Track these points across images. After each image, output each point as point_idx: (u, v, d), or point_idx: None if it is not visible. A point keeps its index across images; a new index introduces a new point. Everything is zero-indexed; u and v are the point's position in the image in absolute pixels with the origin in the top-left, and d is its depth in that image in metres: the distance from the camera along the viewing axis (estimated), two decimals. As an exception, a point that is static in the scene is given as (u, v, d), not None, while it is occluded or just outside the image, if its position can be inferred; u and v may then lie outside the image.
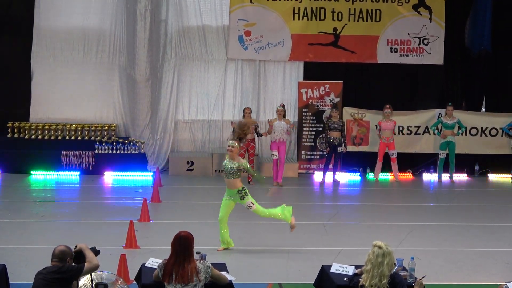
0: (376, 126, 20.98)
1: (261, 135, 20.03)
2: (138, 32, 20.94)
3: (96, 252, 8.22)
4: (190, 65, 21.80)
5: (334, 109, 20.37)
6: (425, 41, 22.08)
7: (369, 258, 7.80)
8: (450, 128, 20.81)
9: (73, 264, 7.84)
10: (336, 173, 20.46)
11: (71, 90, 21.39)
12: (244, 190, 12.47)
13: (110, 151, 20.63)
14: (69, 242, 8.65)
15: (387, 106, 20.66)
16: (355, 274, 8.30)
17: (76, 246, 8.03)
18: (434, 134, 21.27)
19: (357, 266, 8.68)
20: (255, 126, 19.65)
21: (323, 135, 20.58)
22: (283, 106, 20.19)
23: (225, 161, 12.51)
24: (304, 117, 21.54)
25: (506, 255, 12.73)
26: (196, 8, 21.55)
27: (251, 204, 12.49)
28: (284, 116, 19.96)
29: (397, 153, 20.87)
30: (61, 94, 21.37)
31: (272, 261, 12.07)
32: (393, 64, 22.08)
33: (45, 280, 7.57)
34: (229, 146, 12.40)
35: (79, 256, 7.94)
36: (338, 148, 20.03)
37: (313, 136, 21.47)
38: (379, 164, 20.85)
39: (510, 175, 21.27)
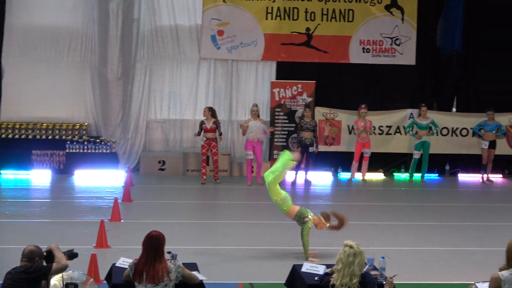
0: (353, 126, 21.00)
1: (221, 133, 19.96)
2: (110, 31, 20.92)
3: (74, 255, 8.18)
4: (163, 64, 21.75)
5: (307, 109, 20.40)
6: (397, 42, 22.18)
7: (340, 257, 7.82)
8: (425, 128, 20.93)
9: (43, 263, 7.81)
10: (308, 173, 20.48)
11: (42, 89, 21.24)
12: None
13: (81, 150, 20.53)
14: (39, 241, 8.60)
15: (363, 106, 20.70)
16: (326, 274, 8.31)
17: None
18: (409, 134, 21.39)
19: (328, 266, 8.70)
20: (217, 125, 19.62)
21: (295, 134, 20.63)
22: (257, 105, 20.22)
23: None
24: (276, 117, 21.55)
25: (476, 255, 12.82)
26: (169, 7, 21.50)
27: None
28: (258, 115, 20.00)
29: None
30: (32, 93, 21.22)
31: (243, 260, 12.08)
32: (365, 64, 22.17)
33: (13, 280, 7.53)
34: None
35: (50, 256, 7.90)
36: (310, 148, 20.05)
37: (286, 136, 21.47)
38: (355, 165, 20.86)
39: (480, 175, 21.39)
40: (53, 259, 7.87)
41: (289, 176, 20.69)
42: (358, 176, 20.99)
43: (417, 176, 21.19)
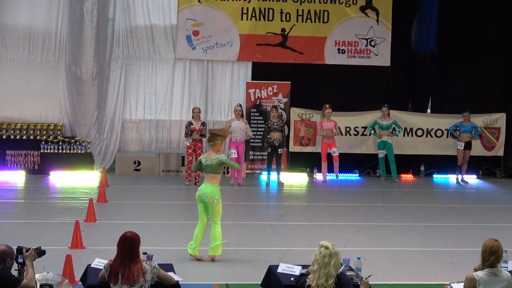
0: (318, 126, 21.03)
1: (204, 135, 19.90)
2: (85, 31, 20.80)
3: (42, 253, 8.12)
4: (138, 64, 21.67)
5: (273, 109, 20.40)
6: (372, 43, 22.25)
7: (315, 258, 7.81)
8: (386, 128, 21.05)
9: (16, 263, 7.76)
10: (280, 174, 20.44)
11: (16, 89, 21.12)
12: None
13: (56, 151, 20.44)
14: (14, 242, 8.53)
15: (327, 106, 20.71)
16: (301, 274, 8.30)
17: (29, 249, 7.92)
18: (370, 134, 21.50)
19: (304, 266, 8.70)
20: (203, 126, 19.56)
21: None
22: (241, 105, 20.19)
23: (202, 156, 12.14)
24: (252, 117, 21.54)
25: (450, 255, 12.88)
26: (144, 7, 21.42)
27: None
28: (242, 116, 19.95)
29: (345, 154, 20.98)
30: (6, 93, 21.09)
31: (219, 261, 12.05)
32: (341, 65, 22.21)
33: None
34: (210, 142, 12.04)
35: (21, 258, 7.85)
36: (279, 150, 20.05)
37: (261, 136, 21.45)
38: (324, 165, 20.90)
39: (455, 176, 21.49)
40: (24, 263, 7.82)
41: (265, 176, 20.73)
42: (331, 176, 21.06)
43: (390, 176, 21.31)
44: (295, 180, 20.87)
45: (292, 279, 8.48)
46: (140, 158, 20.94)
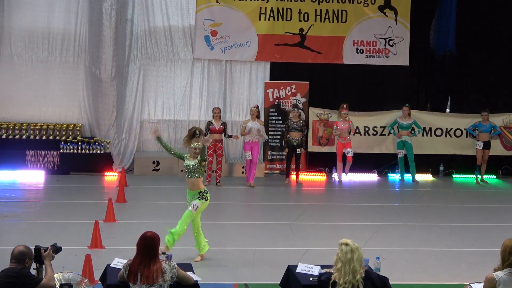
0: (334, 126, 20.96)
1: (230, 136, 19.89)
2: (103, 31, 20.84)
3: (58, 249, 8.15)
4: (156, 64, 21.72)
5: (294, 109, 20.37)
6: (391, 42, 22.20)
7: (338, 256, 7.82)
8: (406, 128, 21.00)
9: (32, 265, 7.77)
10: (299, 174, 20.43)
11: (35, 89, 21.24)
12: (206, 193, 12.00)
13: (75, 151, 20.52)
14: (33, 242, 8.56)
15: (344, 106, 20.64)
16: (322, 274, 8.29)
17: (48, 248, 7.95)
18: (390, 133, 21.44)
19: (323, 266, 8.70)
20: (223, 127, 19.50)
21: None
22: (257, 107, 20.12)
23: (185, 162, 12.18)
24: (270, 117, 21.55)
25: (470, 255, 12.82)
26: (163, 8, 21.49)
27: (196, 207, 11.90)
28: (258, 116, 19.86)
29: (364, 153, 20.92)
30: (26, 93, 21.21)
31: (238, 261, 12.06)
32: (359, 65, 22.17)
33: (0, 284, 7.44)
34: (196, 148, 12.03)
35: (39, 257, 7.86)
36: (297, 150, 20.00)
37: (280, 136, 21.46)
38: (339, 165, 20.86)
39: (474, 176, 21.41)
40: (42, 260, 7.83)
41: (283, 177, 20.74)
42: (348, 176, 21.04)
43: (409, 176, 21.23)
44: (314, 180, 20.86)
45: (311, 279, 8.48)
46: (159, 158, 20.98)
